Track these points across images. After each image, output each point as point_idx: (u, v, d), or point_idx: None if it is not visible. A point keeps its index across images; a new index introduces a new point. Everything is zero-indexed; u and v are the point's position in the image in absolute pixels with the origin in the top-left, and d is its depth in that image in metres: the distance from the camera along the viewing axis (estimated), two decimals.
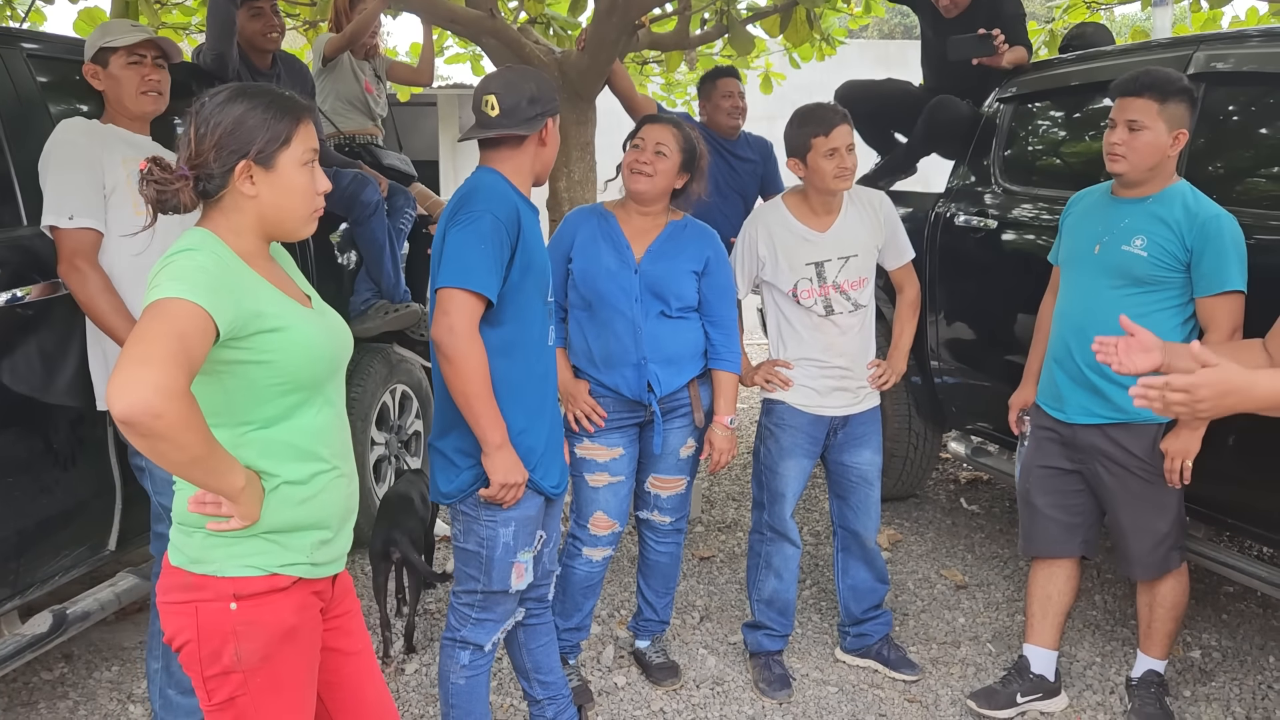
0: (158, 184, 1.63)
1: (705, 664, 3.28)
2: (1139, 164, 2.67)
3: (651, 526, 3.08)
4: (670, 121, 2.84)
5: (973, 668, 3.25)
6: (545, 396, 2.43)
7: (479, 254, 2.21)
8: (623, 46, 4.32)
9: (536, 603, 2.65)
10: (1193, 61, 3.19)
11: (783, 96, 10.16)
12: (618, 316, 2.81)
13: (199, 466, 1.52)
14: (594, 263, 2.82)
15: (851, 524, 3.18)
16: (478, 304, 2.24)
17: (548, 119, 2.35)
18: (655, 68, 7.63)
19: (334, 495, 1.77)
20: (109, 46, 2.72)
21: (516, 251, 2.28)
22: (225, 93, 1.67)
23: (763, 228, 3.05)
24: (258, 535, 1.66)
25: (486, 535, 2.39)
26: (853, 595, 3.24)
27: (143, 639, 3.44)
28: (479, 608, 2.46)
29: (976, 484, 5.03)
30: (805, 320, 3.04)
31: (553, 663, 2.71)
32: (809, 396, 3.05)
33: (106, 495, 2.88)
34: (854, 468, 3.13)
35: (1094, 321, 2.70)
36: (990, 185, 3.97)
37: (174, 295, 1.50)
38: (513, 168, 2.36)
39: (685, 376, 2.89)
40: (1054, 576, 2.96)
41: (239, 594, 1.65)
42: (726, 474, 5.25)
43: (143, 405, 1.41)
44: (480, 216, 2.24)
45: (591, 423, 2.85)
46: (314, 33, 6.02)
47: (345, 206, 3.86)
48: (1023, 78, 4.04)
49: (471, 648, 2.48)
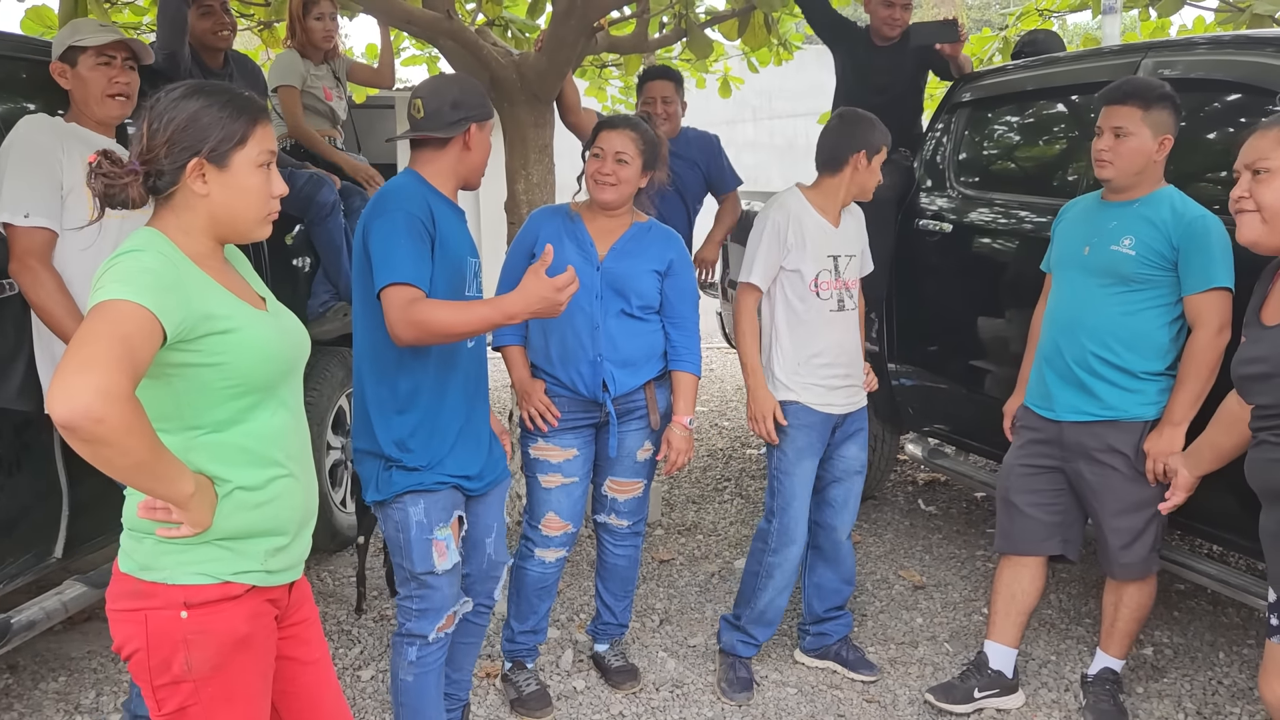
0: (106, 178, 1.59)
1: (665, 667, 3.27)
2: (1125, 169, 2.72)
3: (609, 530, 3.08)
4: (626, 125, 2.83)
5: (930, 667, 3.27)
6: (457, 385, 2.45)
7: (398, 249, 2.28)
8: (581, 49, 4.30)
9: (484, 598, 2.68)
10: (1141, 68, 3.25)
11: (741, 101, 10.24)
12: (577, 312, 2.80)
13: (145, 472, 1.48)
14: (556, 259, 2.81)
15: (830, 519, 3.19)
16: (409, 290, 2.26)
17: (471, 124, 2.40)
18: (614, 71, 7.61)
19: (290, 500, 1.74)
20: (78, 45, 2.66)
21: (434, 246, 2.33)
22: (182, 89, 1.64)
23: (792, 217, 3.00)
24: (210, 542, 1.63)
25: (399, 518, 2.42)
26: (817, 593, 3.25)
27: (91, 649, 3.37)
28: (415, 597, 2.47)
29: (934, 485, 5.08)
30: (819, 315, 3.01)
31: (466, 661, 2.74)
32: (820, 395, 3.04)
33: (53, 501, 2.81)
34: (842, 460, 3.15)
35: (1083, 320, 2.76)
36: (946, 189, 4.01)
37: (118, 297, 1.46)
38: (434, 170, 2.43)
39: (642, 378, 2.89)
40: (1020, 576, 2.99)
41: (190, 602, 1.61)
42: (686, 477, 5.25)
43: (84, 410, 1.37)
44: (395, 214, 2.31)
45: (546, 422, 2.84)
46: (269, 33, 5.95)
47: (301, 207, 3.81)
48: (976, 83, 4.09)
49: (418, 641, 2.48)
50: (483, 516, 2.60)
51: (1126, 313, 2.72)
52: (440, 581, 2.46)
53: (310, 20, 4.23)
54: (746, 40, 5.26)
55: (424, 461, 2.40)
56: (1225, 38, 3.28)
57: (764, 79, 8.23)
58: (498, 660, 3.26)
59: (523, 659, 3.04)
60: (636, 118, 2.89)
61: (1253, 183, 2.11)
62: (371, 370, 2.43)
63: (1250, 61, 2.97)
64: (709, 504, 4.85)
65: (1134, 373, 2.72)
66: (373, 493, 2.44)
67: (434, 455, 2.41)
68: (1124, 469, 2.75)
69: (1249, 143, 2.15)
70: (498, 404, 6.89)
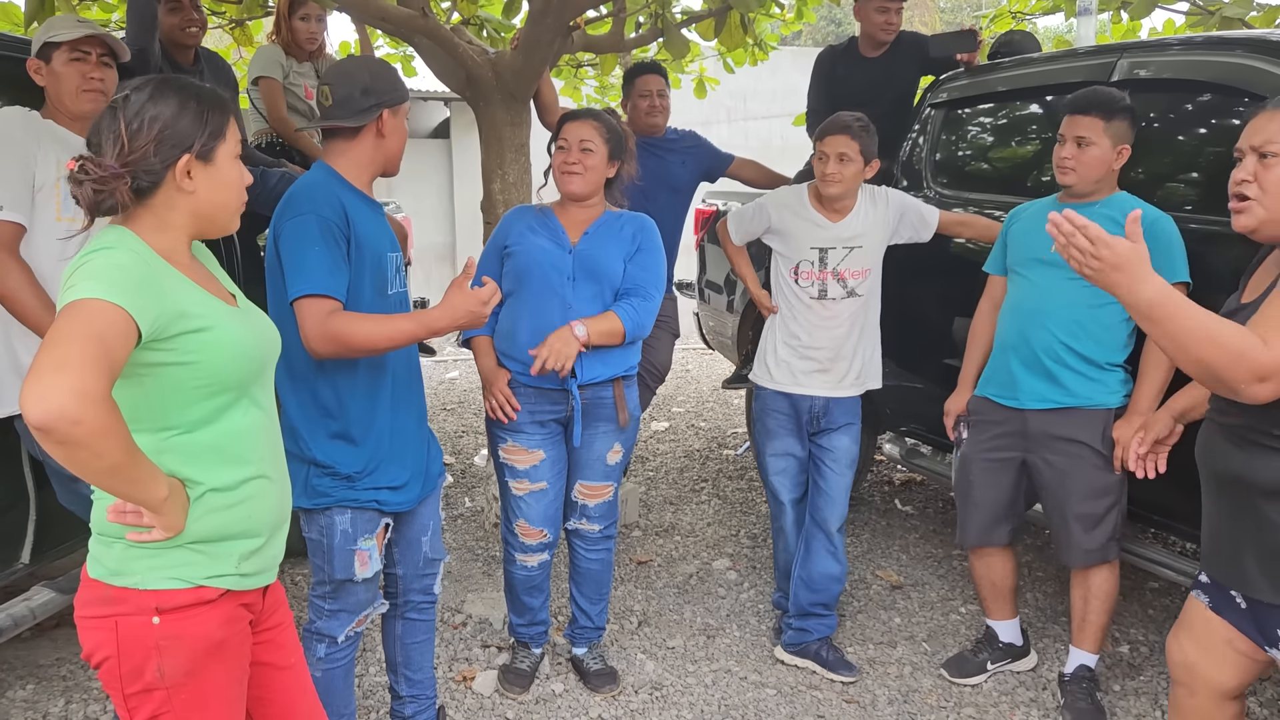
0: (95, 183, 1.53)
1: (644, 669, 3.25)
2: (1087, 176, 2.82)
3: (581, 535, 3.07)
4: (588, 115, 2.84)
5: (909, 667, 3.27)
6: (385, 387, 2.34)
7: (312, 257, 2.17)
8: (557, 48, 4.28)
9: (423, 595, 2.62)
10: (1116, 68, 3.27)
11: (716, 102, 10.26)
12: (549, 294, 2.78)
13: (119, 476, 1.44)
14: (528, 244, 2.82)
15: (821, 510, 3.25)
16: (325, 303, 2.16)
17: (383, 110, 2.29)
18: (590, 70, 7.59)
19: (264, 502, 1.71)
20: (52, 41, 2.62)
21: (350, 247, 2.23)
22: (150, 87, 1.60)
23: (779, 201, 3.27)
24: (183, 546, 1.59)
25: (324, 523, 2.34)
26: (805, 586, 3.28)
27: (60, 655, 3.31)
28: (329, 598, 2.41)
29: (910, 485, 5.09)
30: (798, 300, 3.21)
31: (424, 661, 2.69)
32: (786, 375, 3.25)
33: (19, 506, 2.76)
34: (830, 451, 3.25)
35: (1051, 310, 2.85)
36: (922, 188, 4.01)
37: (92, 295, 1.42)
38: (348, 161, 2.31)
39: (610, 369, 2.86)
40: (992, 565, 3.15)
41: (162, 607, 1.57)
42: (664, 478, 5.24)
43: (59, 411, 1.32)
44: (304, 220, 2.19)
45: (508, 414, 2.83)
46: (240, 31, 5.89)
47: (273, 206, 3.74)
48: (953, 84, 4.10)
49: (326, 640, 2.43)
50: (419, 516, 2.53)
51: (1093, 304, 2.79)
52: (360, 589, 2.40)
53: (295, 20, 4.20)
54: (723, 40, 5.25)
55: (354, 469, 2.30)
56: (1197, 39, 3.30)
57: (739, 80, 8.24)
58: (474, 664, 3.24)
59: (527, 641, 3.11)
60: (599, 110, 2.90)
61: (1258, 166, 1.94)
62: (288, 378, 2.29)
63: (1222, 62, 3.00)
64: (686, 505, 4.84)
65: (1098, 363, 2.82)
66: (300, 498, 2.31)
67: (364, 464, 2.31)
68: (1088, 455, 2.83)
69: (1255, 123, 1.96)
70: (473, 405, 6.84)
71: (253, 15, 5.24)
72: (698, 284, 5.67)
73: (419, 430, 2.47)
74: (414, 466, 2.43)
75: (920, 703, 3.06)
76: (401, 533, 2.52)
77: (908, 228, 3.36)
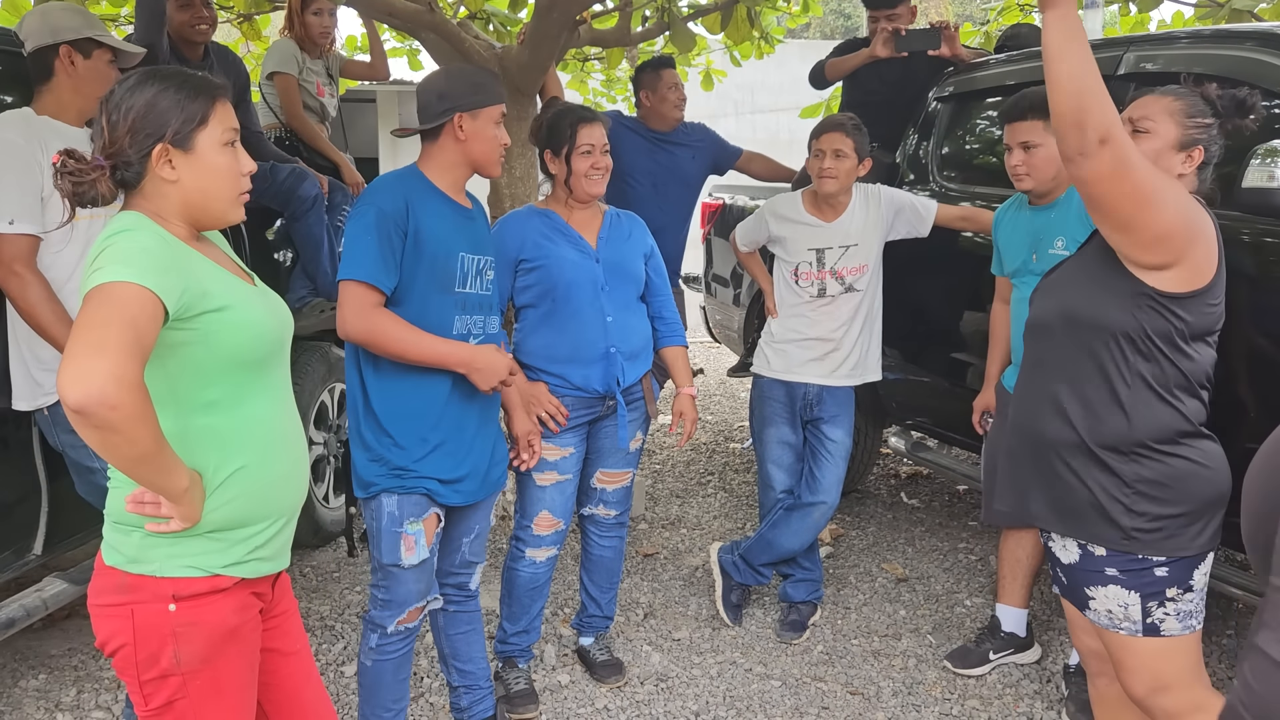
0: (73, 176, 1.56)
1: (650, 660, 3.28)
2: (1041, 178, 2.89)
3: (596, 521, 3.08)
4: (598, 118, 2.87)
5: (914, 659, 3.29)
6: (445, 387, 2.41)
7: (364, 245, 2.29)
8: (564, 42, 4.29)
9: (457, 590, 2.66)
10: (1123, 62, 3.27)
11: (724, 95, 10.25)
12: (586, 308, 2.81)
13: (147, 464, 1.46)
14: (555, 258, 2.80)
15: (806, 495, 3.37)
16: (368, 292, 2.29)
17: (456, 113, 2.38)
18: (596, 65, 7.60)
19: (283, 485, 1.72)
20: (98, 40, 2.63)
21: (409, 241, 2.32)
22: (135, 77, 1.62)
23: (775, 212, 3.41)
24: (200, 534, 1.61)
25: (374, 506, 2.42)
26: (760, 543, 3.43)
27: (72, 646, 3.34)
28: (380, 586, 2.47)
29: (916, 479, 5.10)
30: (799, 300, 3.35)
31: (473, 652, 2.72)
32: (782, 361, 3.37)
33: (32, 498, 2.79)
34: (823, 441, 3.38)
35: None
36: (928, 183, 4.02)
37: (121, 279, 1.44)
38: (431, 162, 2.45)
39: (643, 368, 2.96)
40: (1022, 541, 3.17)
41: (178, 595, 1.60)
42: (670, 470, 5.26)
43: (99, 395, 1.35)
44: (365, 210, 2.32)
45: (558, 424, 2.83)
46: (248, 26, 5.91)
47: (282, 201, 3.78)
48: (959, 77, 4.10)
49: (378, 630, 2.48)
50: (468, 518, 2.58)
51: None
52: (406, 575, 2.44)
53: (308, 15, 4.21)
54: (729, 34, 5.26)
55: (405, 462, 2.38)
56: (1206, 32, 3.30)
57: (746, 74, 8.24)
58: None
59: (515, 658, 3.03)
60: (600, 112, 2.97)
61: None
62: (370, 365, 2.41)
63: (1232, 56, 2.99)
64: (693, 498, 4.86)
65: None
66: (357, 488, 2.44)
67: (413, 454, 2.38)
68: None
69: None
70: None
71: (260, 10, 5.25)
72: (704, 278, 5.68)
73: (482, 429, 2.51)
74: (472, 465, 2.47)
75: (925, 694, 3.08)
76: (447, 530, 2.56)
77: (904, 223, 3.41)
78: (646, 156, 4.21)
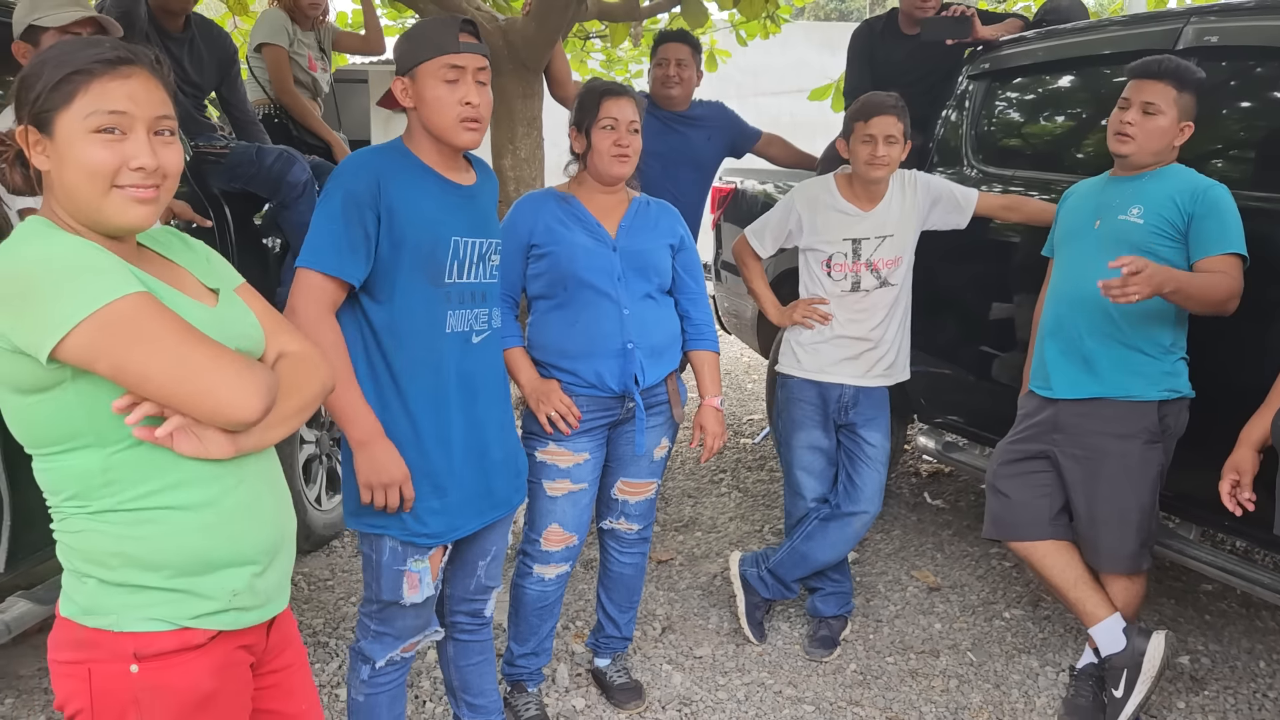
0: None
1: (670, 681, 3.03)
2: (1146, 146, 2.60)
3: (616, 536, 2.82)
4: (626, 92, 2.57)
5: (955, 680, 3.05)
6: (443, 389, 2.10)
7: (327, 232, 1.99)
8: (572, 15, 4.03)
9: (470, 618, 2.40)
10: (1182, 36, 3.02)
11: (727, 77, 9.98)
12: (601, 299, 2.53)
13: None
14: (566, 245, 2.52)
15: (844, 505, 3.13)
16: (327, 283, 1.99)
17: (395, 78, 2.07)
18: (598, 43, 7.33)
19: (253, 518, 1.43)
20: (39, 24, 2.37)
21: (382, 225, 2.01)
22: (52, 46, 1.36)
23: (807, 197, 3.12)
24: (159, 582, 1.34)
25: (372, 539, 2.13)
26: (792, 555, 3.19)
27: (41, 666, 3.08)
28: (375, 618, 2.21)
29: (939, 477, 4.86)
30: (830, 294, 3.09)
31: (485, 685, 2.47)
32: (814, 361, 3.10)
33: None
34: (864, 444, 3.14)
35: (1089, 293, 2.60)
36: (961, 166, 3.77)
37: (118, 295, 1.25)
38: (413, 135, 2.11)
39: (667, 367, 2.67)
40: (1056, 558, 2.75)
41: (140, 653, 1.33)
42: (680, 468, 5.02)
43: (263, 407, 1.32)
44: (331, 194, 2.02)
45: (570, 425, 2.54)
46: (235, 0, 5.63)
47: (270, 187, 3.50)
48: (994, 54, 3.85)
49: (370, 663, 2.23)
50: (481, 541, 2.30)
51: None
52: (406, 613, 2.18)
53: None
54: (742, 9, 5.01)
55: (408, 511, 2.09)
56: (1271, 1, 3.04)
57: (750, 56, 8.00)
58: None
59: (524, 682, 2.77)
60: (627, 86, 2.64)
61: None
62: None
63: None
64: (706, 497, 4.62)
65: (1140, 349, 2.60)
66: (349, 519, 2.14)
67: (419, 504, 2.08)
68: (1117, 454, 2.61)
69: None
70: None
71: None
72: (714, 264, 5.43)
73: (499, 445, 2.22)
74: (465, 489, 2.15)
75: None
76: (460, 553, 2.29)
77: (941, 213, 3.17)
78: (655, 137, 3.94)
